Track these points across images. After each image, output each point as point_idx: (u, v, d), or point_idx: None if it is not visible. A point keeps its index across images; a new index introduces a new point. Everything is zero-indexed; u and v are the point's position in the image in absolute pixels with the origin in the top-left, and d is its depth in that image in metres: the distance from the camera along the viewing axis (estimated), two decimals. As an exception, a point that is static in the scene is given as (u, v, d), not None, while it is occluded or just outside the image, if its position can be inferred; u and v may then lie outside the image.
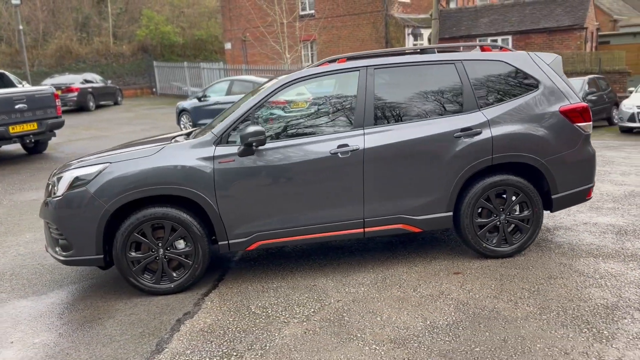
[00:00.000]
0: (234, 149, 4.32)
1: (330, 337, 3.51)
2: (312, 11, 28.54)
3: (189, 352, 3.46)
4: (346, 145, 4.38)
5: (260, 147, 4.32)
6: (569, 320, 3.52)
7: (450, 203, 4.54)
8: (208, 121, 14.09)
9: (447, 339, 3.39)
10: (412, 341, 3.38)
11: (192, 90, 27.22)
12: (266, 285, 4.46)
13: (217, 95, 14.25)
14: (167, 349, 3.51)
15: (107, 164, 4.29)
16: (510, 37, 25.39)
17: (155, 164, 4.28)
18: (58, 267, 5.19)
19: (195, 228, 4.32)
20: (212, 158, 4.30)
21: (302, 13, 27.98)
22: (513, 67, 4.69)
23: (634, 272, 4.25)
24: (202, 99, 14.38)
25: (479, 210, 4.62)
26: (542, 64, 4.73)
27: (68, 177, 4.32)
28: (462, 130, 4.48)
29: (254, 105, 4.44)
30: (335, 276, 4.54)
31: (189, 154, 4.32)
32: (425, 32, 27.24)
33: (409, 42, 26.20)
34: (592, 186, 4.79)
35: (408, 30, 25.90)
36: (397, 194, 4.48)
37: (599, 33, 28.77)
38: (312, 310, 3.93)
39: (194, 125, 14.72)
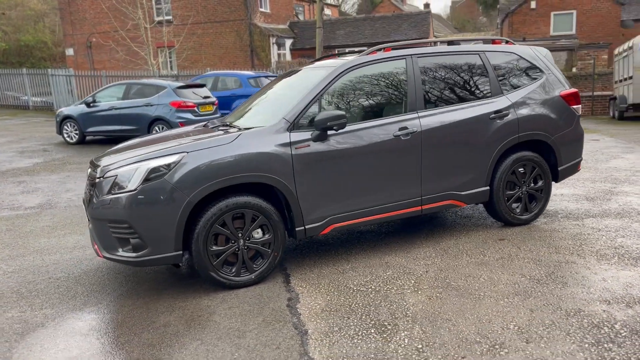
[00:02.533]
0: (306, 135, 4.35)
1: (457, 299, 3.77)
2: (170, 17, 27.68)
3: (336, 328, 3.47)
4: (406, 127, 4.67)
5: (331, 132, 4.40)
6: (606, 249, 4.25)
7: (487, 178, 5.07)
8: (101, 129, 13.12)
9: (557, 286, 3.87)
10: (534, 291, 3.80)
11: (34, 100, 24.61)
12: (340, 268, 4.54)
13: (109, 100, 13.26)
14: (310, 329, 3.47)
15: (184, 154, 4.03)
16: (366, 49, 27.25)
17: (237, 151, 4.13)
18: (96, 272, 4.65)
19: (275, 215, 4.26)
20: (289, 144, 4.27)
21: (159, 19, 26.97)
22: (522, 58, 5.40)
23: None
24: (91, 105, 13.26)
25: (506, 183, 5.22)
26: (541, 55, 5.52)
27: (143, 168, 3.96)
28: (495, 112, 5.04)
29: (320, 92, 4.49)
30: (398, 253, 4.78)
31: (265, 140, 4.24)
32: (288, 42, 28.08)
33: (274, 51, 26.79)
34: (581, 160, 5.68)
35: (273, 40, 26.46)
36: (447, 172, 4.88)
37: (437, 46, 32.11)
38: (413, 281, 4.14)
39: (82, 134, 13.51)
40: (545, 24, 27.37)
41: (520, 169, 5.23)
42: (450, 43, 5.36)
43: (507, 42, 5.56)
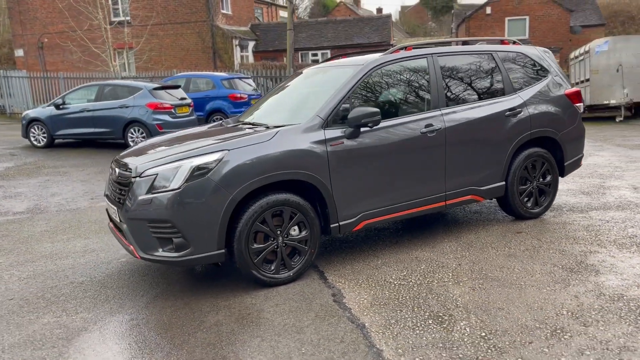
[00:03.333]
0: (339, 132, 4.38)
1: (501, 289, 3.90)
2: (128, 18, 27.00)
3: (393, 321, 3.52)
4: (431, 125, 4.78)
5: (363, 129, 4.45)
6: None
7: (504, 173, 5.25)
8: (72, 131, 12.62)
9: (591, 274, 4.06)
10: (571, 279, 3.98)
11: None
12: (371, 263, 4.60)
13: (81, 101, 12.84)
14: (366, 323, 3.51)
15: (225, 151, 3.99)
16: (329, 52, 27.53)
17: (276, 149, 4.13)
18: (125, 274, 4.53)
19: (311, 212, 4.28)
20: (324, 141, 4.30)
21: (117, 19, 26.27)
22: (529, 58, 5.62)
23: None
24: (61, 107, 12.80)
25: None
26: (546, 56, 5.76)
27: (186, 166, 3.89)
28: (509, 110, 5.23)
29: (350, 89, 4.53)
30: (424, 248, 4.88)
31: (302, 138, 4.25)
32: (251, 44, 27.94)
33: (237, 53, 26.60)
34: (582, 156, 5.96)
35: (236, 42, 26.27)
36: (468, 168, 5.02)
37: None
38: (450, 274, 4.25)
39: (50, 137, 13.02)
40: (500, 29, 28.34)
41: (531, 165, 5.44)
42: (464, 43, 5.52)
43: (514, 42, 5.77)
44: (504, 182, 5.27)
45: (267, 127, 4.53)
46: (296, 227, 4.26)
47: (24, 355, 3.35)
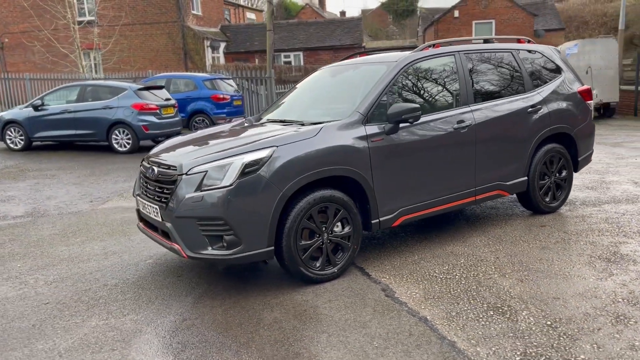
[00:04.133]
0: (378, 128, 4.40)
1: (548, 280, 4.00)
2: (94, 17, 26.30)
3: (453, 313, 3.56)
4: (463, 121, 4.86)
5: (402, 125, 4.49)
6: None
7: (526, 168, 5.38)
8: (52, 134, 12.15)
9: (629, 263, 4.21)
10: (613, 269, 4.11)
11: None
12: (409, 259, 4.64)
13: (60, 102, 12.45)
14: (427, 316, 3.54)
15: (274, 148, 3.96)
16: (301, 53, 27.59)
17: (323, 145, 4.11)
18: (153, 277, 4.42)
19: (354, 209, 4.28)
20: (366, 137, 4.32)
21: (82, 19, 25.55)
22: (545, 57, 5.78)
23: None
24: (40, 108, 12.37)
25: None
26: (559, 54, 5.94)
27: (238, 163, 3.84)
28: (531, 107, 5.37)
29: (387, 85, 4.55)
30: (455, 243, 4.95)
31: (345, 134, 4.25)
32: (222, 45, 27.68)
33: (209, 54, 26.31)
34: (592, 152, 6.16)
35: (207, 43, 25.98)
36: (496, 163, 5.13)
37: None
38: (492, 267, 4.32)
39: (28, 140, 12.57)
40: (467, 32, 28.97)
41: (549, 160, 5.58)
42: (486, 41, 5.63)
43: (529, 41, 5.92)
44: (526, 177, 5.40)
45: (302, 124, 4.51)
46: (339, 224, 4.25)
47: (86, 359, 3.22)
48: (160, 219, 4.12)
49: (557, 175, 5.71)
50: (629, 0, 41.57)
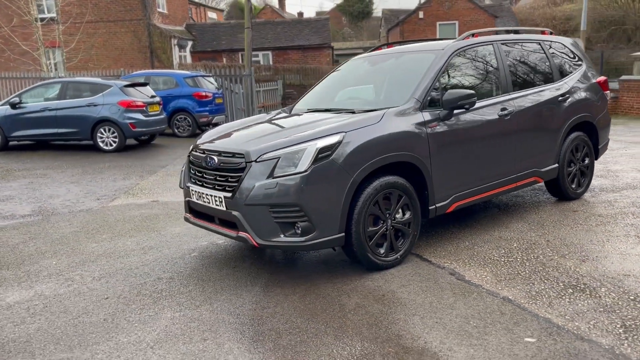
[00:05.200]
0: (432, 114, 4.43)
1: (609, 259, 4.14)
2: (53, 14, 25.34)
3: (533, 293, 3.63)
4: (505, 108, 4.96)
5: (456, 111, 4.54)
6: None
7: (557, 156, 5.54)
8: (32, 132, 11.58)
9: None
10: (664, 247, 4.30)
11: None
12: (461, 244, 4.69)
13: (38, 100, 11.94)
14: (509, 296, 3.59)
15: (343, 133, 3.93)
16: (270, 53, 27.44)
17: (387, 130, 4.12)
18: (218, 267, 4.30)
19: (415, 195, 4.30)
20: (424, 123, 4.35)
21: (43, 16, 24.58)
22: (567, 48, 5.98)
23: None
24: (17, 106, 11.82)
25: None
26: (577, 46, 6.15)
27: (312, 149, 3.79)
28: (561, 95, 5.54)
29: (438, 72, 4.59)
30: (500, 229, 5.05)
31: (405, 120, 4.26)
32: (189, 44, 27.21)
33: (176, 53, 25.82)
34: (609, 140, 6.40)
35: (174, 41, 25.48)
36: (533, 150, 5.25)
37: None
38: (548, 249, 4.43)
39: (4, 139, 12.00)
40: (432, 33, 29.55)
41: (574, 148, 5.77)
42: (514, 32, 5.75)
43: (551, 33, 6.10)
44: (557, 164, 5.55)
45: (354, 112, 4.50)
46: (400, 210, 4.26)
47: (181, 349, 3.12)
48: (224, 208, 4.02)
49: (582, 162, 5.90)
50: (577, 4, 43.37)
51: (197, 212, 4.46)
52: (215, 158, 4.14)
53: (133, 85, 12.10)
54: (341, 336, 3.20)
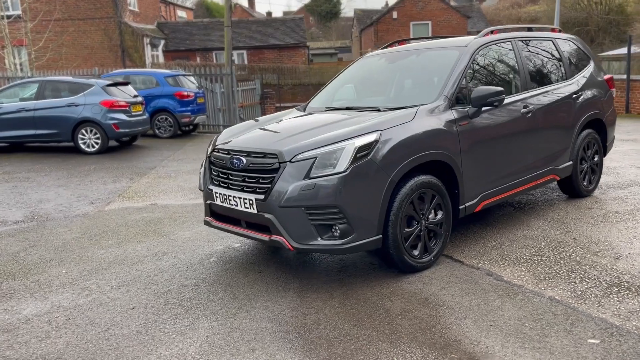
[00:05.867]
0: (460, 112, 4.34)
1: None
2: (19, 12, 24.45)
3: (579, 292, 3.58)
4: (527, 105, 4.92)
5: (484, 108, 4.47)
6: None
7: (571, 153, 5.54)
8: (8, 134, 11.03)
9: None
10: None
11: None
12: (487, 244, 4.63)
13: (13, 101, 11.43)
14: (556, 296, 3.54)
15: (379, 132, 3.80)
16: (245, 52, 27.12)
17: (421, 128, 4.01)
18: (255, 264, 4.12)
19: (447, 194, 4.22)
20: (454, 121, 4.26)
21: (10, 13, 23.68)
22: (576, 45, 5.99)
23: None
24: (-8, 107, 11.30)
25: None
26: (584, 43, 6.17)
27: (350, 148, 3.65)
28: (574, 93, 5.54)
29: (464, 69, 4.51)
30: (522, 227, 5.01)
31: (437, 118, 4.17)
32: (161, 43, 26.66)
33: (148, 52, 25.26)
34: (614, 137, 6.46)
35: (147, 40, 24.92)
36: (551, 148, 5.23)
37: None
38: (578, 247, 4.40)
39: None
40: (405, 33, 29.74)
41: (586, 145, 5.78)
42: (529, 29, 5.72)
43: (560, 31, 6.11)
44: (571, 162, 5.55)
45: (379, 110, 4.38)
46: (432, 210, 4.16)
47: (232, 362, 2.93)
48: (254, 211, 3.84)
49: (592, 160, 5.92)
50: (541, 6, 44.37)
51: (220, 215, 4.27)
52: (244, 159, 3.96)
53: (115, 84, 11.71)
54: (396, 342, 3.07)
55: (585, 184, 5.86)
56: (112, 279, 4.28)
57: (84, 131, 11.10)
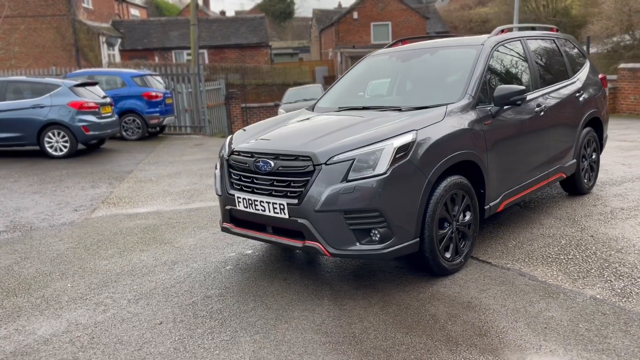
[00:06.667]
0: (484, 110, 4.30)
1: (664, 251, 4.19)
2: (-37, 9, 23.15)
3: (618, 290, 3.58)
4: (540, 104, 4.93)
5: (506, 107, 4.44)
6: None
7: (575, 151, 5.59)
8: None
9: None
10: None
11: None
12: (508, 244, 4.60)
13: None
14: (597, 295, 3.52)
15: (414, 132, 3.70)
16: (206, 51, 26.56)
17: (451, 128, 3.93)
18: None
19: (475, 195, 4.16)
20: (480, 120, 4.21)
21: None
22: (574, 45, 6.08)
23: None
24: (-53, 109, 10.55)
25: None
26: (579, 43, 6.27)
27: (389, 149, 3.52)
28: (577, 91, 5.61)
29: (484, 68, 4.46)
30: (535, 227, 5.01)
31: (464, 117, 4.09)
32: (118, 42, 25.81)
33: (104, 51, 24.39)
34: (607, 135, 6.59)
35: (103, 39, 24.04)
36: (559, 146, 5.26)
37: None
38: (600, 245, 4.42)
39: None
40: (366, 33, 29.90)
41: (586, 143, 5.86)
42: (532, 29, 5.75)
43: (557, 30, 6.17)
44: (575, 160, 5.61)
45: (400, 110, 4.28)
46: (461, 211, 4.09)
47: (292, 379, 2.75)
48: (286, 216, 3.65)
49: (591, 157, 6.01)
50: (491, 8, 45.55)
51: (241, 221, 4.05)
52: (271, 162, 3.76)
53: (83, 84, 11.17)
54: (455, 349, 2.97)
55: (585, 181, 5.94)
56: (126, 291, 4.01)
57: (50, 134, 10.52)
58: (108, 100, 11.52)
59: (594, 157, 6.06)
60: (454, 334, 3.14)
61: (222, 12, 63.27)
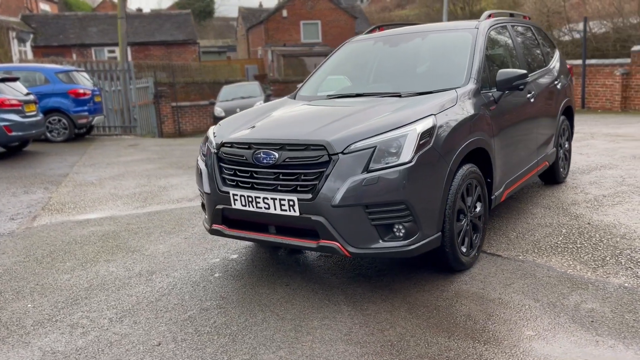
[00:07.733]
0: (487, 95, 4.09)
1: (667, 236, 4.15)
2: None
3: (632, 274, 3.47)
4: (530, 91, 4.80)
5: (507, 92, 4.25)
6: None
7: (555, 140, 5.54)
8: None
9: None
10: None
11: None
12: (510, 235, 4.42)
13: None
14: (626, 284, 3.39)
15: (433, 116, 3.39)
16: (129, 48, 25.17)
17: (467, 113, 3.68)
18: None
19: (485, 185, 3.93)
20: (486, 105, 3.99)
21: None
22: (543, 33, 6.05)
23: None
24: None
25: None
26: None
27: (413, 134, 3.18)
28: (555, 79, 5.56)
29: (482, 51, 4.23)
30: (531, 218, 4.87)
31: (473, 102, 3.85)
32: (30, 37, 23.93)
33: (15, 47, 22.51)
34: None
35: (13, 34, 22.17)
36: (545, 134, 5.17)
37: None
38: (602, 232, 4.33)
39: None
40: (296, 31, 29.62)
41: (562, 131, 5.85)
42: (511, 15, 5.62)
43: (530, 18, 6.12)
44: (555, 148, 5.55)
45: (400, 95, 3.98)
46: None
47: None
48: (296, 213, 3.23)
49: (565, 146, 6.00)
50: (412, 10, 46.80)
51: (236, 222, 3.58)
52: (275, 153, 3.32)
53: (2, 80, 10.03)
54: (511, 353, 2.68)
55: (562, 170, 5.92)
56: (103, 309, 3.42)
57: (-34, 135, 9.34)
58: (32, 97, 10.43)
59: (567, 146, 6.05)
60: (500, 335, 2.86)
61: (139, 10, 60.75)
